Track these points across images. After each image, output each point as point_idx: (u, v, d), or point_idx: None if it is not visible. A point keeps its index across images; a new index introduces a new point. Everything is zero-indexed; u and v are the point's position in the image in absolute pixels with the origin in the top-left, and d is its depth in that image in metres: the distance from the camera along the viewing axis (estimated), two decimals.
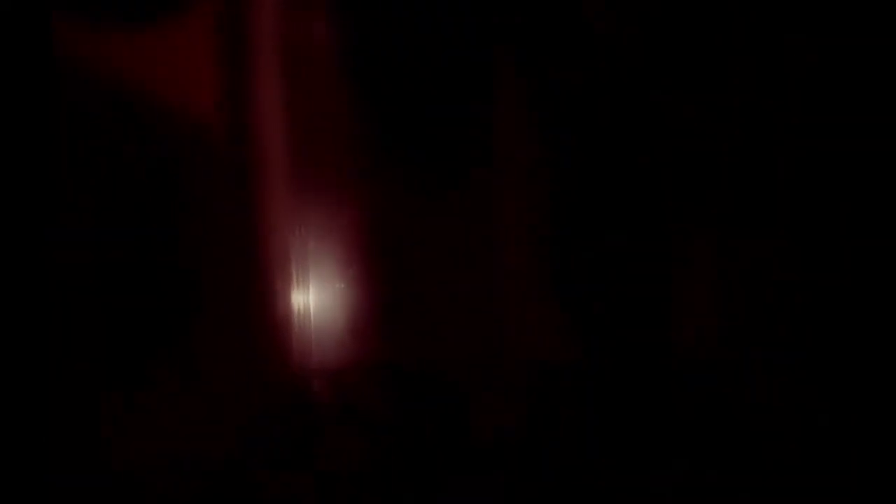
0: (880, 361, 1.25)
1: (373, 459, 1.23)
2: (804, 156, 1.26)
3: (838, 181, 1.26)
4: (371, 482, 1.23)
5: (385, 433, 1.24)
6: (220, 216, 1.23)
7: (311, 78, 1.25)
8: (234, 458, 1.21)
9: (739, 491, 1.23)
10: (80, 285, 1.21)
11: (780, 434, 1.25)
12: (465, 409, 1.25)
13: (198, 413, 1.21)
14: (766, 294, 1.26)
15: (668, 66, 1.27)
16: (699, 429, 1.26)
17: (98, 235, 1.22)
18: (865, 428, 1.24)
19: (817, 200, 1.26)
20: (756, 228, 1.27)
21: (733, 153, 1.27)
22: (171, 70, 1.23)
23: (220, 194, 1.23)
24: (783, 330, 1.26)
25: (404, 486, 1.24)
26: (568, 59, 1.27)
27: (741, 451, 1.25)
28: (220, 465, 1.21)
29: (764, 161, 1.27)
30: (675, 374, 1.26)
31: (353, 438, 1.23)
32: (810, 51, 1.26)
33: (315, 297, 1.24)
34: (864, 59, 1.25)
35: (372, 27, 1.26)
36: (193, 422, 1.21)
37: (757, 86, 1.27)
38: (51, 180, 1.20)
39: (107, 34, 1.22)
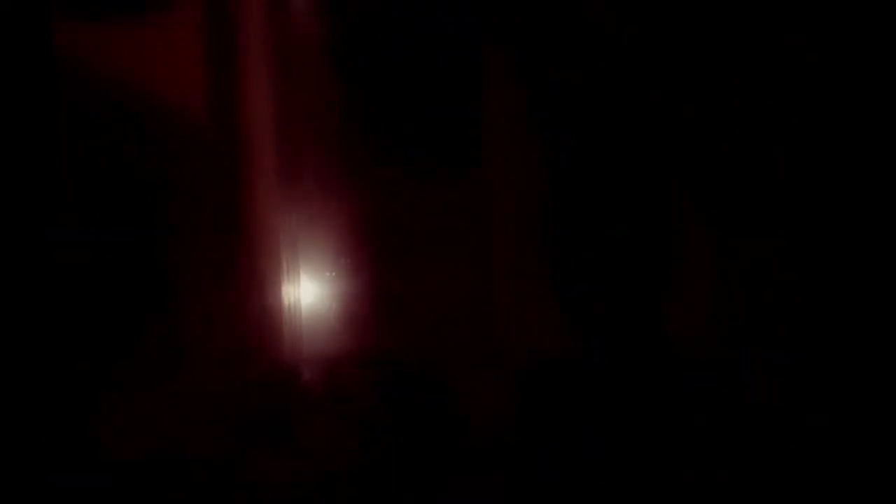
0: (880, 361, 1.24)
1: (368, 454, 1.23)
2: (804, 156, 1.26)
3: (838, 181, 1.26)
4: (366, 477, 1.23)
5: (380, 428, 1.24)
6: (213, 211, 1.23)
7: (301, 73, 1.26)
8: (226, 450, 1.21)
9: (739, 491, 1.23)
10: (81, 285, 1.21)
11: (780, 434, 1.25)
12: (463, 406, 1.25)
13: (193, 407, 1.21)
14: (766, 294, 1.26)
15: (668, 66, 1.27)
16: (699, 429, 1.26)
17: (98, 234, 1.22)
18: (865, 428, 1.24)
19: (817, 200, 1.26)
20: (756, 228, 1.27)
21: (733, 153, 1.27)
22: (165, 68, 1.23)
23: (214, 190, 1.24)
24: (783, 330, 1.26)
25: (400, 483, 1.24)
26: (568, 59, 1.27)
27: (741, 451, 1.25)
28: (214, 458, 1.21)
29: (764, 161, 1.27)
30: (675, 374, 1.26)
31: (347, 432, 1.23)
32: (810, 51, 1.26)
33: (306, 289, 1.25)
34: (864, 59, 1.25)
35: (367, 24, 1.26)
36: (188, 416, 1.21)
37: (757, 86, 1.27)
38: (51, 180, 1.20)
39: (105, 33, 1.22)
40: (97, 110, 1.23)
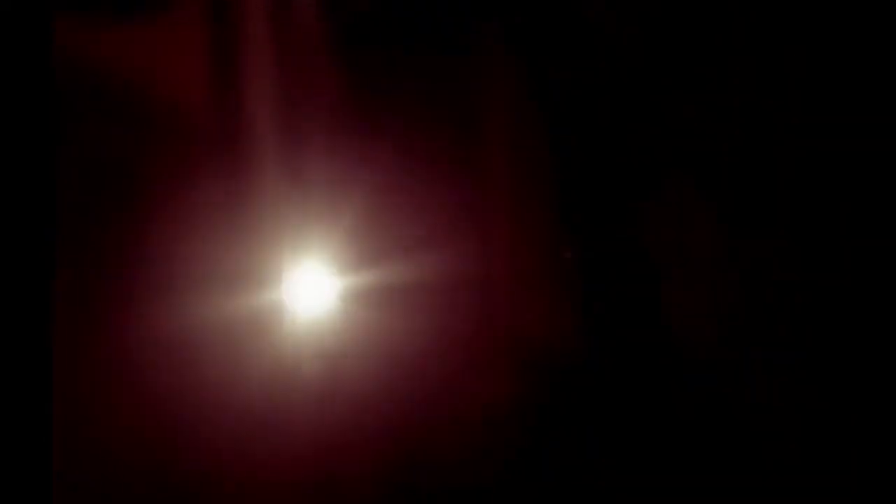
0: (880, 361, 1.24)
1: (368, 454, 1.23)
2: (804, 156, 1.26)
3: (838, 181, 1.26)
4: (366, 477, 1.23)
5: (378, 424, 1.24)
6: (214, 209, 1.24)
7: (305, 70, 1.26)
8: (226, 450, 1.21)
9: (739, 491, 1.23)
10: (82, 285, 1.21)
11: (780, 434, 1.25)
12: (464, 405, 1.25)
13: (192, 406, 1.21)
14: (766, 294, 1.26)
15: (667, 66, 1.27)
16: (699, 429, 1.25)
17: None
18: (865, 428, 1.24)
19: (817, 200, 1.26)
20: (756, 228, 1.27)
21: (733, 153, 1.27)
22: (165, 66, 1.24)
23: (215, 187, 1.24)
24: (783, 330, 1.26)
25: (400, 483, 1.24)
26: (568, 59, 1.28)
27: (741, 451, 1.25)
28: (214, 457, 1.21)
29: (764, 161, 1.27)
30: (675, 374, 1.26)
31: (346, 428, 1.23)
32: (810, 50, 1.26)
33: (308, 287, 1.25)
34: (865, 58, 1.25)
35: (368, 22, 1.26)
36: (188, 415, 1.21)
37: (757, 86, 1.27)
38: (51, 180, 1.20)
39: (106, 32, 1.22)
40: (95, 109, 1.23)
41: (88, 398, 1.20)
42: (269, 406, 1.22)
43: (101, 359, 1.21)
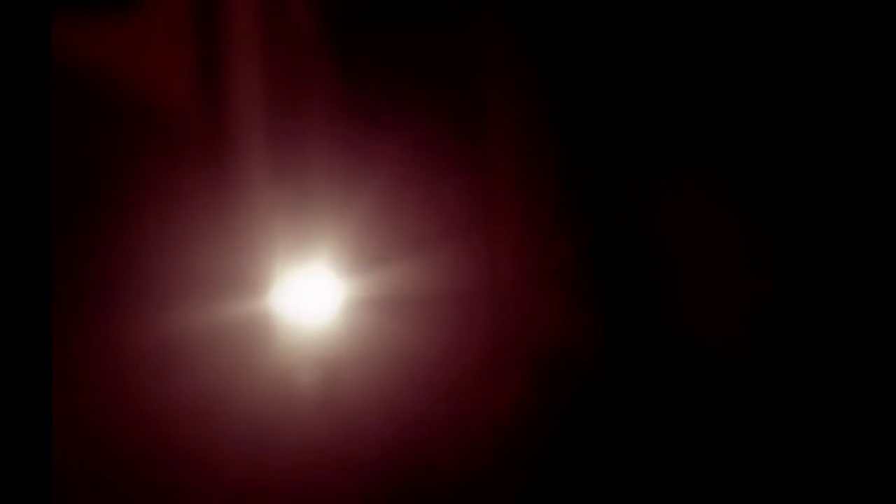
0: (880, 361, 1.25)
1: (368, 455, 1.23)
2: (804, 156, 1.27)
3: (838, 181, 1.27)
4: (364, 478, 1.23)
5: (383, 434, 1.23)
6: (211, 211, 1.23)
7: (296, 67, 1.25)
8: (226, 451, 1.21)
9: (740, 491, 1.23)
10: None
11: (780, 434, 1.26)
12: (472, 412, 1.25)
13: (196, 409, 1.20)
14: (766, 294, 1.27)
15: (668, 66, 1.28)
16: (699, 429, 1.26)
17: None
18: (865, 428, 1.25)
19: (816, 200, 1.27)
20: (756, 227, 1.27)
21: (733, 153, 1.28)
22: (155, 62, 1.23)
23: (204, 186, 1.23)
24: (783, 329, 1.26)
25: (401, 483, 1.23)
26: (573, 51, 1.28)
27: (741, 450, 1.26)
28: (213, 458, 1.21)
29: (764, 161, 1.27)
30: (679, 374, 1.26)
31: (349, 438, 1.23)
32: (811, 50, 1.27)
33: (306, 288, 1.24)
34: (865, 58, 1.26)
35: (361, 16, 1.26)
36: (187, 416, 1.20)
37: (757, 85, 1.28)
38: (50, 180, 1.19)
39: (94, 29, 1.21)
40: (83, 108, 1.22)
41: (81, 403, 1.19)
42: (267, 415, 1.21)
43: (91, 364, 1.20)
